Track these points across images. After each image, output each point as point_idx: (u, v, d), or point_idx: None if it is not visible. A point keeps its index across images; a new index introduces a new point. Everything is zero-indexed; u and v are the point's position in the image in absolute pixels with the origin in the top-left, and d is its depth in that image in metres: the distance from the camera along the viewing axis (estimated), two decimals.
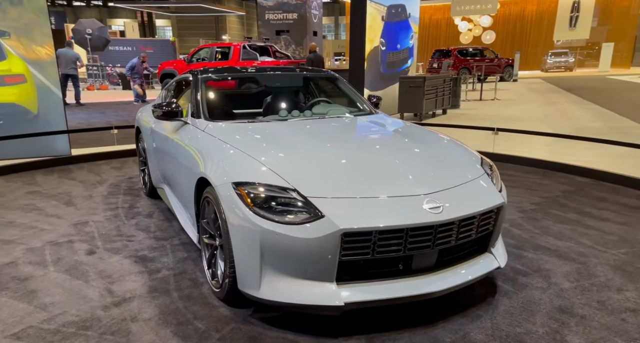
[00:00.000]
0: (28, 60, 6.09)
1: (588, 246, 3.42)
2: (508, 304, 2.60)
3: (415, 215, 2.24)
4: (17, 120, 6.12)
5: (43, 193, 4.68)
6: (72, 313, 2.41)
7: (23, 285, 2.74)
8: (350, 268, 2.24)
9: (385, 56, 10.90)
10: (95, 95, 16.76)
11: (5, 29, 5.94)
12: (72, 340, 2.17)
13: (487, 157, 3.09)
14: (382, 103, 4.31)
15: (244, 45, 13.29)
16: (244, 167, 2.48)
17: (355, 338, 2.26)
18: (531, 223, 3.89)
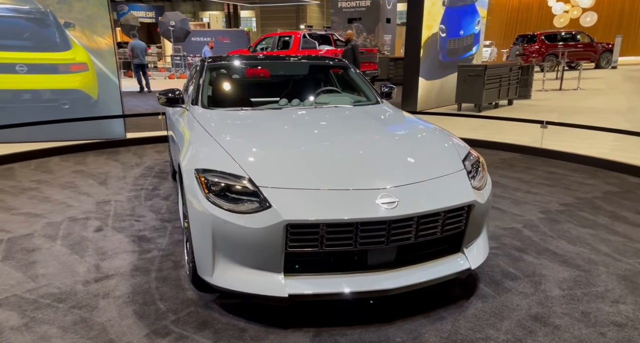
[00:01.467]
0: (90, 50, 6.61)
1: (603, 253, 3.12)
2: (480, 308, 2.48)
3: (366, 210, 2.18)
4: (80, 104, 6.69)
5: (85, 173, 5.12)
6: (55, 286, 2.64)
7: (28, 256, 3.04)
8: (300, 260, 2.24)
9: (446, 43, 10.47)
10: (172, 83, 17.80)
11: (70, 21, 6.50)
12: (42, 310, 2.39)
13: (532, 153, 2.90)
14: (439, 93, 4.18)
15: (304, 34, 13.38)
16: (209, 155, 2.55)
17: (304, 330, 2.27)
18: (549, 226, 3.61)
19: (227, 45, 20.62)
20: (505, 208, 4.01)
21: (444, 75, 10.54)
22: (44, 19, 6.41)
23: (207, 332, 2.23)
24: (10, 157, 5.65)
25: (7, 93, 6.47)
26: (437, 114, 8.43)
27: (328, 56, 5.11)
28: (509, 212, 3.92)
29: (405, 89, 10.10)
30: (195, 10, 46.89)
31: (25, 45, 6.39)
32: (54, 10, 6.40)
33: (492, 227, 3.59)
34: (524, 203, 4.16)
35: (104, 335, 2.17)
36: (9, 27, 6.33)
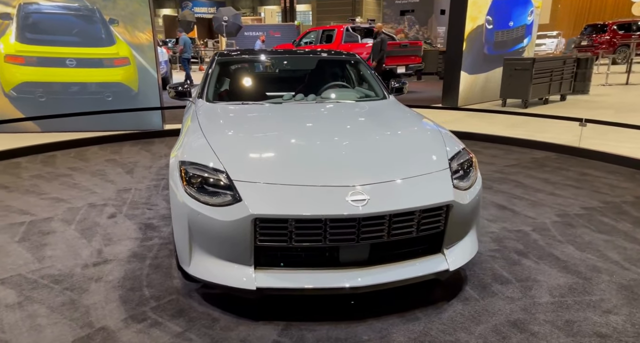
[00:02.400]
0: (131, 45, 6.96)
1: (611, 261, 2.95)
2: (458, 310, 2.43)
3: (335, 207, 2.19)
4: (122, 97, 7.06)
5: (117, 162, 5.41)
6: (56, 268, 2.83)
7: (42, 238, 3.27)
8: (272, 254, 2.28)
9: (492, 35, 10.06)
10: None
11: (115, 18, 6.86)
12: (39, 290, 2.57)
13: (569, 153, 2.82)
14: (483, 88, 4.09)
15: (347, 27, 13.28)
16: (194, 148, 2.63)
17: (274, 323, 2.31)
18: (560, 230, 3.44)
19: (278, 39, 20.90)
20: (519, 210, 3.85)
21: (489, 69, 10.15)
22: (91, 15, 6.80)
23: (180, 320, 2.32)
24: (55, 145, 6.08)
25: (58, 85, 6.94)
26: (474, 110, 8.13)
27: (341, 50, 5.08)
28: (521, 214, 3.76)
29: (446, 84, 9.84)
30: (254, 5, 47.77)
31: (74, 41, 6.81)
32: (100, 8, 6.77)
33: (498, 228, 3.46)
34: (542, 205, 3.96)
35: (85, 317, 2.31)
36: (61, 23, 6.77)
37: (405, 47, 13.02)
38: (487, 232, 3.42)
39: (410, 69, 13.04)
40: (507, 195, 4.23)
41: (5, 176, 4.83)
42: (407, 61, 12.89)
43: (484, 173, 4.97)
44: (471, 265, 2.90)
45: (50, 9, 6.73)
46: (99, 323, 2.27)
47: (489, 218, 3.68)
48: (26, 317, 2.30)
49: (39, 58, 6.81)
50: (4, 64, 6.76)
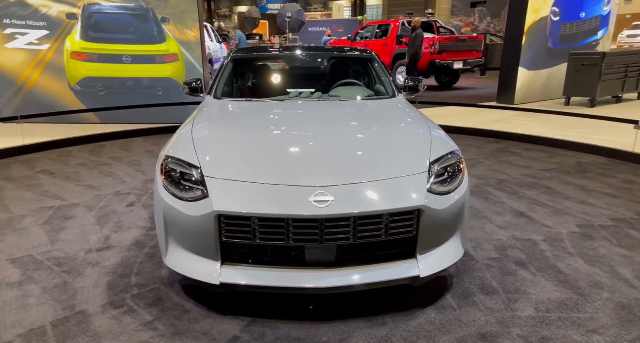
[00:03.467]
0: (180, 42, 7.30)
1: (620, 278, 2.73)
2: (430, 319, 2.36)
3: (297, 207, 2.20)
4: (171, 91, 7.45)
5: (154, 153, 5.72)
6: (63, 251, 3.07)
7: (62, 222, 3.55)
8: (241, 251, 2.33)
9: (559, 28, 9.43)
10: None
11: (166, 16, 7.23)
12: (41, 271, 2.80)
13: (621, 158, 2.70)
14: (545, 85, 3.94)
15: (403, 22, 12.95)
16: (179, 143, 2.73)
17: (241, 318, 2.36)
18: (575, 242, 3.20)
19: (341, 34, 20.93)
20: (538, 218, 3.62)
21: (553, 64, 9.53)
22: (145, 15, 7.21)
23: (154, 309, 2.43)
24: (106, 135, 6.54)
25: (115, 80, 7.44)
26: (527, 110, 7.65)
27: (357, 47, 5.00)
28: (538, 223, 3.53)
29: (502, 81, 9.38)
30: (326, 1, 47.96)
31: (130, 39, 7.27)
32: (154, 7, 7.16)
33: (506, 237, 3.29)
34: (566, 214, 3.70)
35: (71, 300, 2.49)
36: (119, 23, 7.25)
37: (463, 41, 12.52)
38: (493, 239, 3.26)
39: (469, 65, 12.51)
40: (530, 202, 3.98)
41: (55, 163, 5.28)
42: (466, 56, 12.39)
43: (515, 177, 4.71)
44: (461, 273, 2.80)
45: (110, 9, 7.22)
46: (81, 307, 2.44)
47: (501, 225, 3.49)
48: (20, 296, 2.53)
49: (99, 55, 7.34)
50: (70, 61, 7.36)
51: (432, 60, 12.02)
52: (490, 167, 5.12)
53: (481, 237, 3.30)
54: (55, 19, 7.19)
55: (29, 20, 7.19)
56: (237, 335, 2.24)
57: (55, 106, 7.38)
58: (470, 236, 3.30)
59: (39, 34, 7.26)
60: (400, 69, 12.80)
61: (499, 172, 4.94)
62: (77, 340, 2.16)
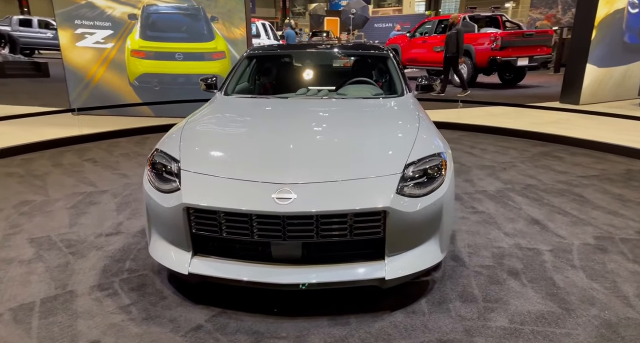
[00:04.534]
0: (227, 40, 7.57)
1: (619, 295, 2.55)
2: (395, 322, 2.33)
3: (258, 203, 2.25)
4: None
5: None
6: (77, 234, 3.32)
7: (86, 207, 3.83)
8: (211, 243, 2.42)
9: (638, 21, 8.61)
10: None
11: (215, 15, 7.53)
12: (51, 251, 3.06)
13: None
14: (619, 84, 3.78)
15: (463, 16, 12.41)
16: (168, 137, 2.87)
17: (211, 308, 2.45)
18: (584, 254, 3.02)
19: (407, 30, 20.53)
20: (552, 227, 3.40)
21: (630, 61, 8.77)
22: (196, 14, 7.55)
23: (134, 294, 2.58)
24: (153, 128, 6.94)
25: (168, 76, 7.87)
26: (589, 112, 7.10)
27: (373, 45, 4.90)
28: (550, 232, 3.32)
29: (567, 79, 8.80)
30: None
31: (182, 37, 7.65)
32: (204, 6, 7.48)
33: (509, 245, 3.14)
34: (587, 225, 3.44)
35: (66, 280, 2.71)
36: (173, 22, 7.65)
37: (529, 36, 11.79)
38: (494, 246, 3.12)
39: (535, 61, 11.77)
40: (552, 210, 3.74)
41: (102, 152, 5.71)
42: (532, 52, 11.68)
43: (546, 182, 4.43)
44: (446, 278, 2.71)
45: (165, 10, 7.64)
46: (72, 286, 2.64)
47: (508, 232, 3.32)
48: (25, 273, 2.79)
49: (155, 52, 7.79)
50: (130, 58, 7.89)
51: (492, 56, 11.47)
52: (523, 171, 4.84)
53: (481, 243, 3.16)
54: (119, 20, 7.73)
55: (96, 21, 7.79)
56: (201, 324, 2.33)
57: (117, 100, 7.94)
58: (469, 241, 3.18)
59: (105, 33, 7.84)
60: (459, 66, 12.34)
61: (530, 176, 4.66)
62: (56, 317, 2.35)
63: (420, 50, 13.66)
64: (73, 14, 7.72)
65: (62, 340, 2.17)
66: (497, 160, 5.31)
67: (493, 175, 4.72)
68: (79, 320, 2.33)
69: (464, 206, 3.84)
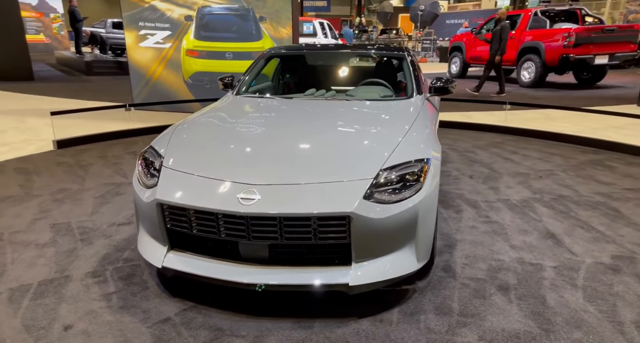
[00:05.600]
0: (274, 39, 7.71)
1: (613, 320, 2.37)
2: (358, 329, 2.28)
3: (223, 202, 2.29)
4: None
5: None
6: (94, 222, 3.54)
7: (111, 197, 4.07)
8: (187, 239, 2.50)
9: None
10: None
11: (263, 15, 7.70)
12: (65, 237, 3.28)
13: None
14: None
15: (535, 11, 11.61)
16: (164, 134, 2.99)
17: (185, 302, 2.51)
18: (594, 274, 2.82)
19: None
20: (568, 243, 3.15)
21: None
22: (246, 14, 7.77)
23: (121, 283, 2.70)
24: None
25: (219, 75, 8.15)
26: None
27: (389, 46, 4.74)
28: (563, 248, 3.09)
29: None
30: None
31: (232, 37, 7.91)
32: (253, 7, 7.68)
33: (511, 258, 2.97)
34: (609, 242, 3.15)
35: (67, 265, 2.90)
36: (224, 22, 7.92)
37: (610, 32, 10.82)
38: (494, 258, 2.94)
39: (617, 59, 10.78)
40: (575, 224, 3.46)
41: (144, 145, 6.06)
42: (613, 49, 10.73)
43: (582, 194, 4.10)
44: (429, 289, 2.61)
45: (218, 11, 7.93)
46: (69, 271, 2.83)
47: (515, 245, 3.12)
48: (35, 256, 3.03)
49: (208, 52, 8.12)
50: (185, 57, 8.29)
51: (564, 54, 10.68)
52: (560, 181, 4.50)
53: (481, 255, 2.99)
54: (176, 21, 8.14)
55: (157, 23, 8.25)
56: (170, 316, 2.40)
57: (173, 96, 8.38)
58: (469, 252, 3.03)
59: (164, 34, 8.29)
60: (527, 65, 11.65)
61: (566, 186, 4.32)
62: (44, 300, 2.53)
63: (484, 48, 13.08)
64: (137, 17, 8.24)
65: (42, 321, 2.34)
66: (536, 167, 4.97)
67: (524, 183, 4.43)
68: (63, 304, 2.50)
69: (478, 215, 3.64)
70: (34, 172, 4.88)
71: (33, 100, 9.94)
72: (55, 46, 23.85)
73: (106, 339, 2.20)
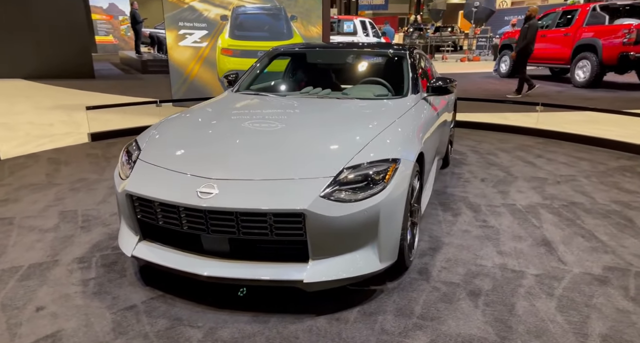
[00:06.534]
0: (305, 38, 7.77)
1: (580, 333, 2.25)
2: (312, 326, 2.28)
3: (182, 195, 2.34)
4: None
5: None
6: (98, 211, 3.70)
7: None
8: (154, 230, 2.57)
9: None
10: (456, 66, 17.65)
11: (295, 14, 7.78)
12: (69, 224, 3.46)
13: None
14: None
15: (593, 6, 10.86)
16: (150, 128, 3.09)
17: (155, 291, 2.58)
18: (576, 285, 2.69)
19: None
20: (561, 251, 3.03)
21: None
22: (278, 13, 7.88)
23: (102, 269, 2.81)
24: None
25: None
26: None
27: (390, 44, 4.60)
28: (553, 256, 2.97)
29: None
30: None
31: (264, 36, 8.05)
32: (285, 6, 7.78)
33: (494, 264, 2.89)
34: (607, 252, 3.01)
35: (60, 250, 3.06)
36: (257, 22, 8.08)
37: None
38: (475, 264, 2.84)
39: None
40: (576, 233, 3.30)
41: None
42: None
43: (598, 202, 3.87)
44: (396, 290, 2.58)
45: (251, 10, 8.10)
46: (60, 256, 2.99)
47: (502, 251, 3.01)
48: (36, 240, 3.22)
49: (241, 51, 8.31)
50: (220, 56, 8.53)
51: (623, 52, 9.99)
52: (579, 187, 4.24)
53: (463, 260, 2.89)
54: (212, 21, 8.39)
55: (195, 23, 8.54)
56: (135, 304, 2.48)
57: (208, 93, 8.62)
58: (452, 256, 2.95)
59: (201, 34, 8.56)
60: (582, 63, 11.01)
61: (583, 193, 4.07)
62: (29, 281, 2.69)
63: (538, 46, 12.41)
64: (177, 17, 8.55)
65: (19, 302, 2.49)
66: (558, 172, 4.71)
67: (538, 188, 4.21)
68: (44, 286, 2.64)
69: (475, 219, 3.51)
70: (64, 162, 5.20)
71: (87, 95, 10.55)
72: (122, 46, 25.17)
73: (70, 322, 2.32)
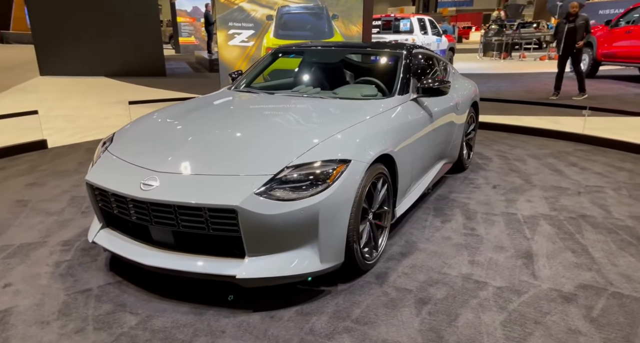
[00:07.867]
0: (345, 37, 7.76)
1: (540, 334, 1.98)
2: (244, 321, 2.29)
3: (127, 186, 2.44)
4: None
5: None
6: None
7: None
8: (113, 218, 2.69)
9: None
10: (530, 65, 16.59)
11: (336, 13, 7.79)
12: (74, 208, 3.67)
13: None
14: None
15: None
16: (129, 123, 3.25)
17: (117, 278, 2.68)
18: (537, 301, 2.49)
19: None
20: (539, 266, 2.83)
21: None
22: (320, 13, 7.94)
23: (79, 253, 2.94)
24: None
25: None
26: None
27: (389, 43, 4.39)
28: (528, 271, 2.78)
29: None
30: None
31: (306, 35, 8.13)
32: (327, 6, 7.82)
33: (459, 274, 2.76)
34: (590, 270, 2.79)
35: (54, 232, 3.28)
36: (300, 21, 8.20)
37: None
38: (440, 272, 2.74)
39: None
40: (568, 247, 3.07)
41: None
42: None
43: (613, 216, 3.60)
44: (340, 293, 2.53)
45: (295, 10, 8.22)
46: (50, 238, 3.19)
47: (475, 261, 2.85)
48: (38, 222, 3.46)
49: None
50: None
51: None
52: (599, 199, 3.90)
53: (429, 266, 2.78)
54: (259, 21, 8.62)
55: (243, 23, 8.82)
56: (91, 288, 2.59)
57: None
58: (418, 262, 2.85)
59: (248, 33, 8.83)
60: None
61: (600, 206, 3.73)
62: (11, 259, 2.90)
63: (623, 43, 11.37)
64: (227, 17, 8.87)
65: None
66: (585, 182, 4.33)
67: (552, 198, 3.90)
68: (22, 265, 2.84)
69: (464, 226, 3.33)
70: None
71: (151, 92, 11.14)
72: (202, 47, 26.46)
73: (26, 300, 2.48)
